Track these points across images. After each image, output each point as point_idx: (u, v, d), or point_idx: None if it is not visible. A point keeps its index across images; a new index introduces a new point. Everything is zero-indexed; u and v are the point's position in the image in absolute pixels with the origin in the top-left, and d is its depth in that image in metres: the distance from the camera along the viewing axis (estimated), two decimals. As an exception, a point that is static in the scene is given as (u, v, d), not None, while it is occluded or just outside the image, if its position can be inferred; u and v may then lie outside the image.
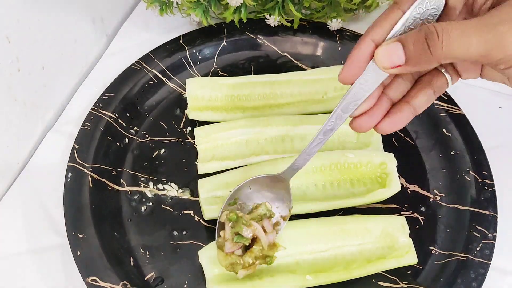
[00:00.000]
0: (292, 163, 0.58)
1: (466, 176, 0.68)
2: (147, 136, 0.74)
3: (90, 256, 0.62)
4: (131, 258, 0.64)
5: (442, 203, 0.68)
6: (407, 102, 0.51)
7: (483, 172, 0.68)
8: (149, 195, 0.69)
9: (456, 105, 0.74)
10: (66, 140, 0.75)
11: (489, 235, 0.63)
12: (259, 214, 0.59)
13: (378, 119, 0.51)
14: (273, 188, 0.61)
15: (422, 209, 0.68)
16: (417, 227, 0.66)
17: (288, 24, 0.80)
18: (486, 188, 0.67)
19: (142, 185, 0.70)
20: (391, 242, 0.63)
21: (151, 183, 0.70)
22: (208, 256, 0.60)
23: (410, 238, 0.63)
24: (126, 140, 0.73)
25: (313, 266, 0.61)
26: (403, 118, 0.51)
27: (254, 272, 0.58)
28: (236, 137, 0.71)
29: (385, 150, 0.71)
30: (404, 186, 0.70)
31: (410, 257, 0.62)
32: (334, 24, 0.81)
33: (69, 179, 0.67)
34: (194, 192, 0.69)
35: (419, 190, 0.69)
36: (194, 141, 0.73)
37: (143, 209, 0.68)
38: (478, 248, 0.63)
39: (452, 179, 0.69)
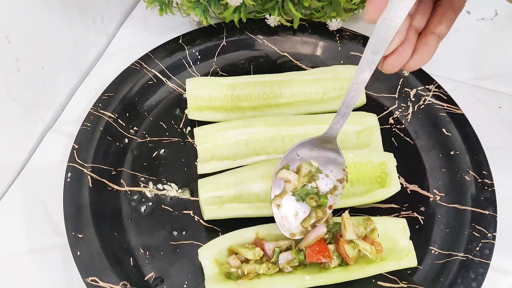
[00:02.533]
0: (333, 121, 0.57)
1: (466, 176, 0.68)
2: (146, 136, 0.74)
3: (90, 256, 0.62)
4: (131, 258, 0.64)
5: (442, 203, 0.68)
6: (433, 33, 0.49)
7: (483, 172, 0.68)
8: (148, 195, 0.69)
9: (456, 105, 0.74)
10: (66, 140, 0.75)
11: (489, 235, 0.63)
12: (305, 174, 0.58)
13: (408, 55, 0.49)
14: (322, 151, 0.59)
15: (422, 209, 0.68)
16: (417, 227, 0.66)
17: (288, 24, 0.80)
18: (486, 188, 0.67)
19: (141, 185, 0.70)
20: (391, 244, 0.63)
21: (150, 183, 0.70)
22: (208, 255, 0.61)
23: (411, 241, 0.63)
24: (126, 140, 0.73)
25: (311, 267, 0.61)
26: (430, 50, 0.49)
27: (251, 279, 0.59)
28: (236, 137, 0.71)
29: (385, 150, 0.71)
30: (404, 186, 0.70)
31: (409, 260, 0.62)
32: (334, 24, 0.80)
33: (68, 179, 0.67)
34: (194, 192, 0.69)
35: (419, 190, 0.69)
36: (194, 141, 0.73)
37: (143, 209, 0.68)
38: (477, 248, 0.63)
39: (452, 179, 0.69)
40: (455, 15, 0.50)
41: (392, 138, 0.74)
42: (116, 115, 0.74)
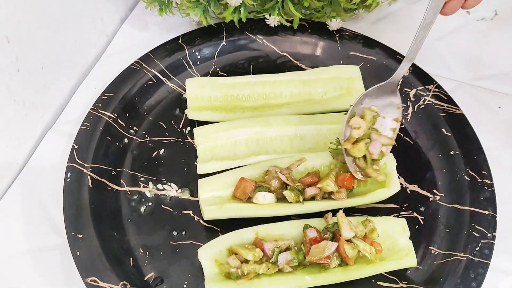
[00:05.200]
0: (400, 66, 0.65)
1: (465, 176, 0.68)
2: (146, 136, 0.74)
3: (90, 256, 0.62)
4: (131, 258, 0.64)
5: (442, 203, 0.68)
6: None
7: (483, 172, 0.68)
8: (148, 195, 0.69)
9: (456, 105, 0.74)
10: (66, 140, 0.75)
11: (489, 235, 0.63)
12: (370, 120, 0.65)
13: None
14: (381, 97, 0.67)
15: (422, 209, 0.68)
16: (416, 227, 0.66)
17: (288, 24, 0.80)
18: (486, 188, 0.67)
19: (141, 185, 0.70)
20: (391, 244, 0.63)
21: (150, 183, 0.70)
22: (208, 255, 0.61)
23: (410, 241, 0.63)
24: (126, 140, 0.73)
25: (311, 267, 0.61)
26: None
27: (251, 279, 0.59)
28: (236, 137, 0.71)
29: (384, 150, 0.71)
30: (404, 186, 0.70)
31: (409, 260, 0.62)
32: (334, 24, 0.80)
33: (68, 179, 0.67)
34: (194, 192, 0.69)
35: (419, 190, 0.69)
36: (193, 141, 0.73)
37: (142, 209, 0.68)
38: (477, 248, 0.63)
39: (451, 179, 0.69)
40: None
41: (392, 138, 0.74)
42: (116, 115, 0.74)
